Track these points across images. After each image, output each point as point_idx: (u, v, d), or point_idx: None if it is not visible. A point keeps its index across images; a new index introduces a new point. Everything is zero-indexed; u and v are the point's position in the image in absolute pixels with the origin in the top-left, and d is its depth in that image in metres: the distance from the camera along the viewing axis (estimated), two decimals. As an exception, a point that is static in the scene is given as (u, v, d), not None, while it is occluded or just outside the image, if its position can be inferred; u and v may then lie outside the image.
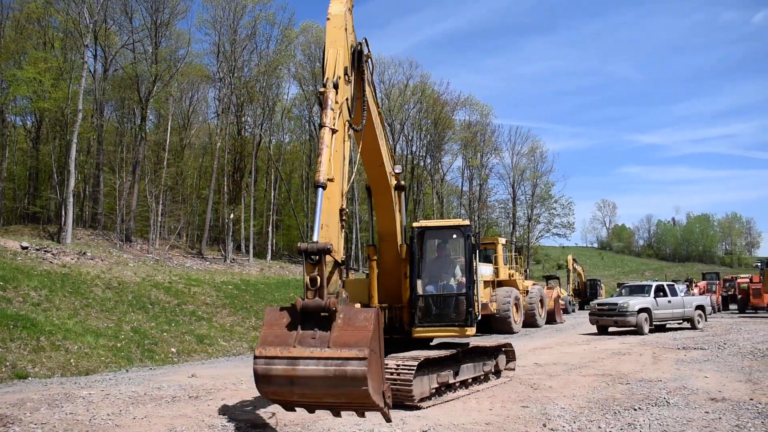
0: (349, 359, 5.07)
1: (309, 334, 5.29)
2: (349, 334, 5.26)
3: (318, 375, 5.09)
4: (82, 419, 8.13)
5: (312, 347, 5.18)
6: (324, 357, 5.11)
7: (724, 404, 8.67)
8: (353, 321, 5.36)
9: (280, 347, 5.22)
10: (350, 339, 5.20)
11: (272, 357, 5.19)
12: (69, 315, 16.02)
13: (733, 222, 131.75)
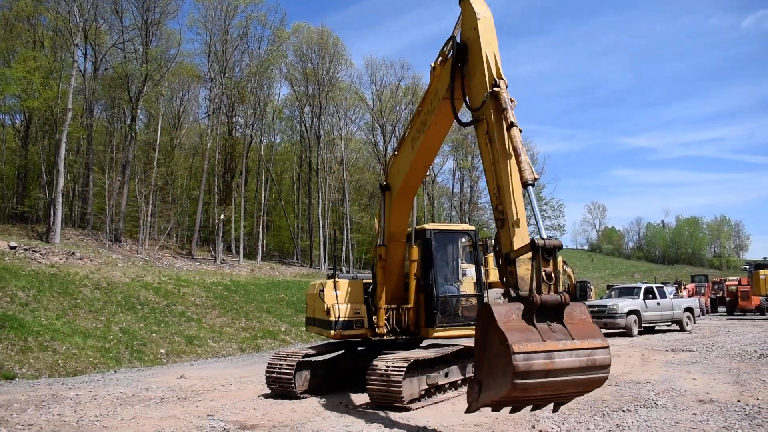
0: (596, 349, 5.61)
1: (547, 327, 5.61)
2: (581, 327, 5.76)
3: (573, 366, 5.50)
4: (70, 420, 8.08)
5: (558, 340, 5.53)
6: (576, 348, 5.53)
7: (711, 406, 8.72)
8: (573, 314, 5.85)
9: (534, 342, 5.42)
10: (586, 331, 5.73)
11: (531, 352, 5.36)
12: (57, 315, 15.92)
13: (721, 225, 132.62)
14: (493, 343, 5.67)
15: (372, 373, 8.79)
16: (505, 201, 6.62)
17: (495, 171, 6.81)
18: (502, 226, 6.64)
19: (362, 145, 60.03)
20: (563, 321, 5.75)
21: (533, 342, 5.44)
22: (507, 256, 6.40)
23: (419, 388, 9.10)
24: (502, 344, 5.44)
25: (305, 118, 51.24)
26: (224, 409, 8.88)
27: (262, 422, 8.09)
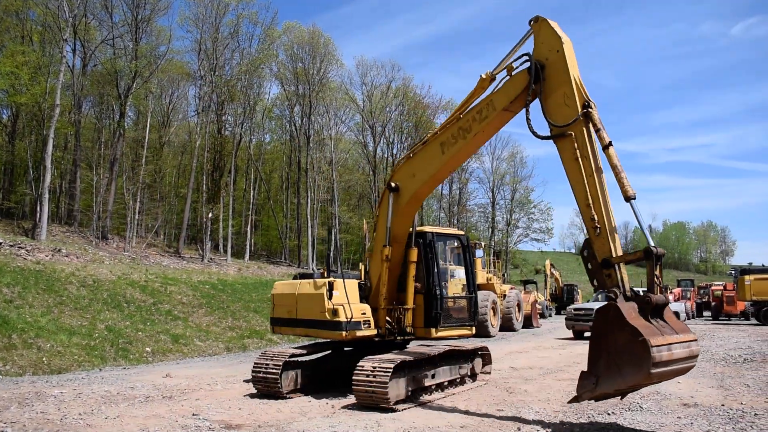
0: (692, 342, 6.75)
1: (657, 323, 6.66)
2: (675, 323, 6.84)
3: (682, 356, 6.56)
4: (53, 418, 8.01)
5: (670, 334, 6.56)
6: (682, 341, 6.59)
7: (696, 410, 8.78)
8: (667, 312, 6.94)
9: (660, 336, 6.42)
10: (680, 326, 6.83)
11: (661, 345, 6.31)
12: (42, 312, 15.79)
13: (708, 230, 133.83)
14: (620, 338, 6.52)
15: (358, 374, 8.78)
16: (602, 212, 7.43)
17: (588, 184, 7.53)
18: (599, 234, 7.43)
19: (352, 145, 60.03)
20: (664, 318, 6.81)
21: (659, 336, 6.40)
22: (606, 261, 7.30)
23: (406, 389, 9.10)
24: (635, 338, 6.30)
25: (295, 118, 51.17)
26: (209, 409, 8.84)
27: (248, 422, 8.06)
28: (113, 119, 41.03)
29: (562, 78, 7.92)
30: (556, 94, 7.98)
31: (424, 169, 9.70)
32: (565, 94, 7.86)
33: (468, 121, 9.02)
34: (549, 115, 8.05)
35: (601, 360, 6.90)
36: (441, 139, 9.45)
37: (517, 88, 8.41)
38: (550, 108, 8.04)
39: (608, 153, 7.43)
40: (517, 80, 8.46)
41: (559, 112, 7.91)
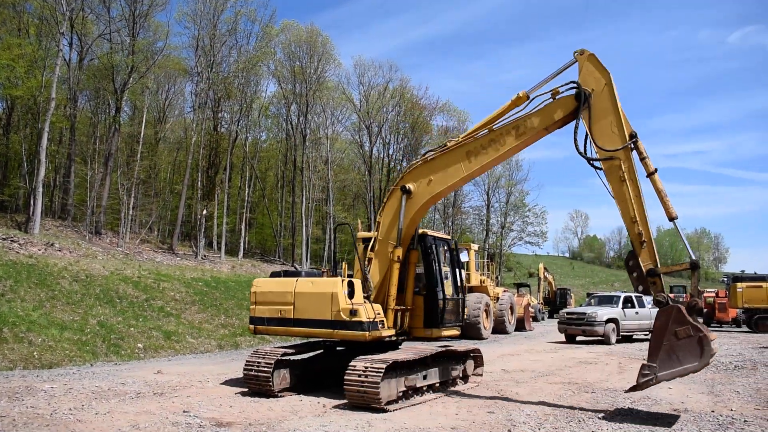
0: (715, 340, 8.16)
1: (701, 323, 8.13)
2: (702, 323, 8.18)
3: (715, 351, 8.11)
4: (43, 413, 7.98)
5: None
6: (714, 339, 8.06)
7: (686, 415, 8.81)
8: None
9: (712, 333, 8.03)
10: (705, 327, 8.07)
11: (713, 340, 8.01)
12: (34, 307, 15.72)
13: (701, 237, 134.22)
14: (680, 333, 8.03)
15: (350, 374, 8.78)
16: (647, 228, 8.70)
17: (635, 204, 8.69)
18: (643, 246, 8.66)
19: (348, 145, 60.03)
20: (695, 318, 8.13)
21: (711, 333, 7.97)
22: (652, 270, 8.56)
23: (397, 389, 9.11)
24: (696, 334, 7.92)
25: (291, 116, 51.08)
26: (200, 406, 8.82)
27: (239, 420, 8.05)
28: (109, 114, 40.94)
29: (611, 108, 8.90)
30: (604, 122, 8.90)
31: (444, 176, 9.90)
32: (612, 122, 8.85)
33: (502, 135, 9.51)
34: (597, 140, 8.92)
35: (660, 352, 8.15)
36: (468, 148, 9.71)
37: (562, 111, 9.21)
38: (598, 133, 8.93)
39: (653, 179, 8.76)
40: (563, 104, 9.22)
41: (608, 138, 8.86)
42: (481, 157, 9.61)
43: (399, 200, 10.11)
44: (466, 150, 9.71)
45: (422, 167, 10.15)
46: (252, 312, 10.67)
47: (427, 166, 10.07)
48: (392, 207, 10.30)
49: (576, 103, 9.05)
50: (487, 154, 9.57)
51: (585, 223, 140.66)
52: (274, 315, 10.28)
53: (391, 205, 10.35)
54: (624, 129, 8.77)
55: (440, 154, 9.96)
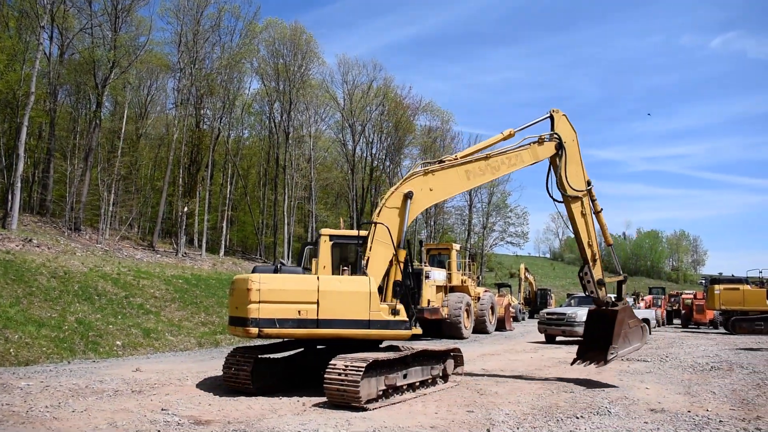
0: None
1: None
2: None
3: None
4: (19, 410, 7.90)
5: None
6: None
7: (662, 415, 8.91)
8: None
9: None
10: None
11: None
12: (11, 303, 15.52)
13: (680, 239, 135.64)
14: (630, 324, 12.11)
15: (330, 372, 8.78)
16: (597, 250, 12.43)
17: (590, 232, 12.29)
18: (595, 264, 12.16)
19: (331, 143, 59.94)
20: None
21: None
22: (601, 281, 12.13)
23: (377, 388, 9.11)
24: (640, 324, 12.61)
25: (275, 114, 50.89)
26: (179, 404, 8.77)
27: (218, 418, 8.02)
28: (89, 109, 40.49)
29: (577, 159, 12.33)
30: (571, 168, 12.14)
31: (444, 188, 11.40)
32: (577, 171, 12.26)
33: (498, 162, 11.79)
34: (569, 180, 12.08)
35: (620, 338, 11.69)
36: (468, 168, 11.40)
37: (545, 154, 12.16)
38: (569, 176, 12.10)
39: (599, 216, 12.65)
40: (546, 149, 12.15)
41: (575, 180, 12.15)
42: (479, 179, 11.70)
43: (402, 204, 10.59)
44: (465, 170, 11.34)
45: (423, 178, 10.99)
46: (252, 313, 9.21)
47: (428, 179, 11.00)
48: (392, 210, 10.56)
49: (556, 150, 12.13)
50: (484, 176, 11.72)
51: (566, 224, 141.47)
52: (289, 315, 9.40)
53: (390, 207, 10.58)
54: (584, 176, 12.35)
55: (441, 169, 11.12)
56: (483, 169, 11.54)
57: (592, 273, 11.93)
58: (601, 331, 11.94)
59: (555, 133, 12.06)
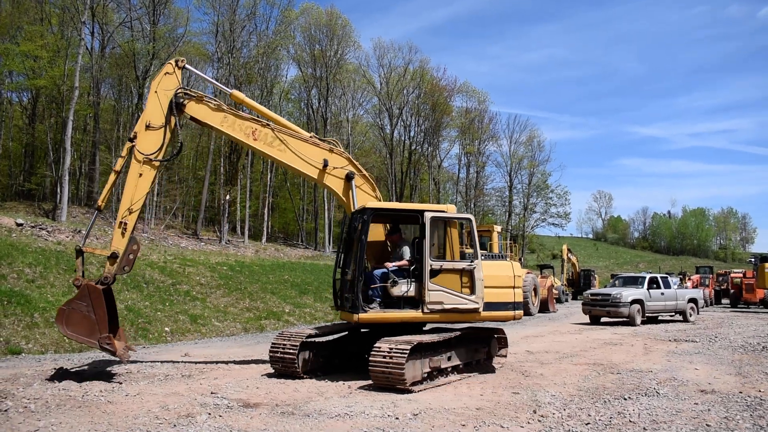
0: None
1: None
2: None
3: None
4: (75, 395, 8.15)
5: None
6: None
7: (713, 396, 8.73)
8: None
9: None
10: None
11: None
12: (63, 292, 16.00)
13: (728, 217, 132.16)
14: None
15: (375, 355, 8.83)
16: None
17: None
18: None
19: (369, 128, 59.93)
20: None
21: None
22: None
23: (422, 370, 9.14)
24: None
25: (312, 100, 51.10)
26: (228, 388, 8.94)
27: (266, 401, 8.15)
28: (131, 101, 41.27)
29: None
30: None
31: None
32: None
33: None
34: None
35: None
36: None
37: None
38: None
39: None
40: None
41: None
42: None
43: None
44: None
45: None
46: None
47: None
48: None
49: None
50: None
51: (609, 203, 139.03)
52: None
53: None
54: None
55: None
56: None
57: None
58: None
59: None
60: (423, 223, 9.91)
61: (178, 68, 10.71)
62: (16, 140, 42.31)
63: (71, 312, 9.08)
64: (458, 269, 10.02)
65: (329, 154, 11.30)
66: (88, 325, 9.09)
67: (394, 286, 9.79)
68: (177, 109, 10.53)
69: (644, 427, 6.92)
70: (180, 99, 10.57)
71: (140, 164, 10.23)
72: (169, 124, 10.43)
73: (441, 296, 9.75)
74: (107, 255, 9.76)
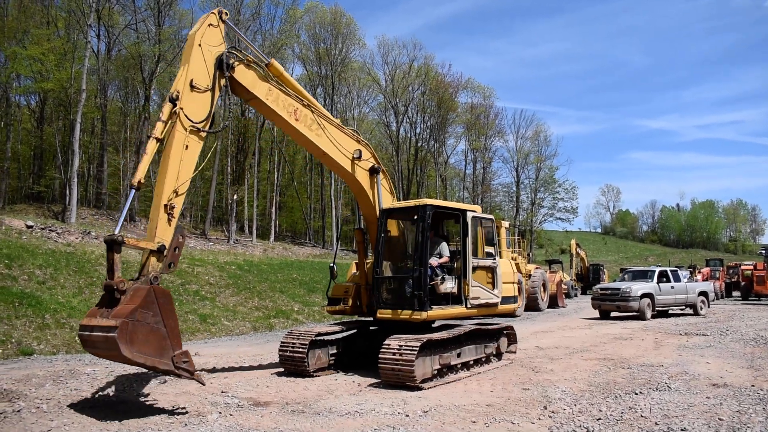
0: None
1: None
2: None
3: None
4: (87, 395, 8.21)
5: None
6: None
7: (725, 390, 8.69)
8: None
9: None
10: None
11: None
12: (73, 293, 16.10)
13: (738, 209, 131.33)
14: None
15: (385, 353, 8.83)
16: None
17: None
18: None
19: (375, 125, 59.93)
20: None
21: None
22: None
23: (432, 367, 9.14)
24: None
25: (318, 99, 51.08)
26: (238, 386, 8.97)
27: (276, 399, 8.17)
28: (138, 103, 41.44)
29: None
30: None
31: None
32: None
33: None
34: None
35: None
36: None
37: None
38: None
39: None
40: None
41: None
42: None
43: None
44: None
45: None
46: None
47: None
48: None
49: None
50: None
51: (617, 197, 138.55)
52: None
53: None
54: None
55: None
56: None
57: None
58: None
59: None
60: (465, 222, 10.25)
61: (222, 22, 9.00)
62: (24, 143, 42.56)
63: (135, 326, 6.58)
64: (486, 266, 10.62)
65: (358, 145, 10.59)
66: (156, 341, 6.82)
67: (443, 283, 9.95)
68: (221, 71, 8.65)
69: (656, 422, 6.89)
70: (229, 59, 8.77)
71: (186, 133, 8.13)
72: (215, 88, 8.62)
73: (478, 292, 10.23)
74: (152, 248, 7.48)
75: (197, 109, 8.22)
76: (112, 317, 6.55)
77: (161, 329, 6.88)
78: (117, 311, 6.64)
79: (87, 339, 6.74)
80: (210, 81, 8.43)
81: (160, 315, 6.89)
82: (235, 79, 8.81)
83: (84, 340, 6.82)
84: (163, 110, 7.86)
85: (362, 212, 11.19)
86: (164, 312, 6.95)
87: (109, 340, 6.40)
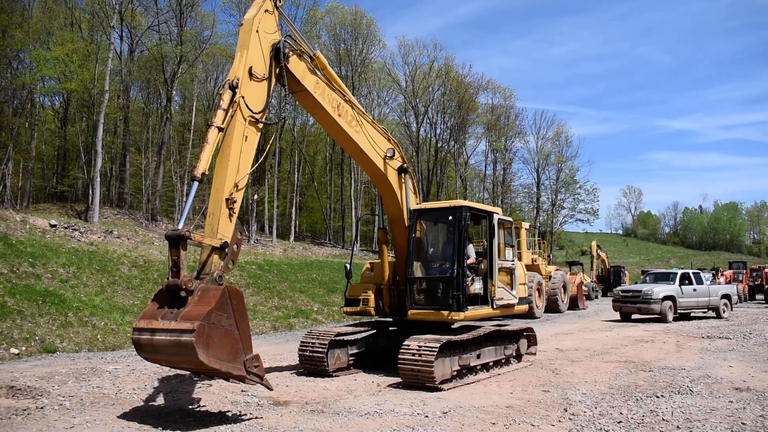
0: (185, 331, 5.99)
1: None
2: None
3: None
4: (109, 393, 8.29)
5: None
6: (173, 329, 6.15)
7: (748, 394, 8.56)
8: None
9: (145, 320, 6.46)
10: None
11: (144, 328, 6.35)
12: (96, 292, 16.29)
13: (762, 211, 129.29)
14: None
15: (404, 353, 8.82)
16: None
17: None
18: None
19: (395, 126, 59.92)
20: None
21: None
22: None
23: (451, 368, 9.11)
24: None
25: (338, 100, 51.19)
26: (258, 386, 8.98)
27: (295, 399, 8.20)
28: (160, 104, 41.85)
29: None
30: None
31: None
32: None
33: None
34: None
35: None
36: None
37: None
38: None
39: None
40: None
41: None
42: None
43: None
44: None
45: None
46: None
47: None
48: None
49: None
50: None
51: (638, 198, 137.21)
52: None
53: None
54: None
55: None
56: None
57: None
58: None
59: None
60: (492, 224, 10.40)
61: (276, 9, 8.44)
62: (48, 143, 43.22)
63: (211, 330, 6.12)
64: (507, 267, 10.75)
65: (390, 143, 10.44)
66: (229, 344, 6.38)
67: (472, 284, 9.95)
68: (276, 60, 8.20)
69: (678, 426, 6.81)
70: (284, 48, 8.29)
71: (245, 124, 7.72)
72: (271, 77, 8.20)
73: (502, 293, 10.35)
74: (215, 245, 7.25)
75: (255, 99, 7.87)
76: (183, 320, 6.08)
77: (234, 332, 6.45)
78: (188, 313, 6.18)
79: (146, 343, 6.18)
80: (266, 70, 8.07)
81: (234, 317, 6.47)
82: (288, 69, 8.42)
83: (141, 344, 6.23)
84: (222, 97, 7.45)
85: (387, 212, 11.05)
86: (237, 314, 6.52)
87: (182, 344, 5.91)
